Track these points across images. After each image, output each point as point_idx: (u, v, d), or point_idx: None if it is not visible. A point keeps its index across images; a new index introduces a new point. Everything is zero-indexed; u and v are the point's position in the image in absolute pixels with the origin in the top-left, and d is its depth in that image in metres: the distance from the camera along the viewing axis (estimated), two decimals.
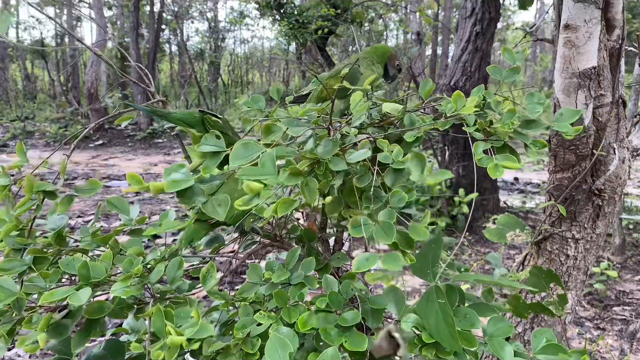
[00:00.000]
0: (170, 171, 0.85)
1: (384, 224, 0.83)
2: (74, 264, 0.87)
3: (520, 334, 1.44)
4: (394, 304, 0.90)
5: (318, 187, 0.83)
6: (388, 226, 0.82)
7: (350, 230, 0.84)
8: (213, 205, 0.83)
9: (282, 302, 0.89)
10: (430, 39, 14.24)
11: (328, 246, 1.19)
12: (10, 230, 0.93)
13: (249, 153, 0.81)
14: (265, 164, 0.79)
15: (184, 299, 0.87)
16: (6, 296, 0.82)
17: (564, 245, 1.37)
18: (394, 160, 0.90)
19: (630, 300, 3.74)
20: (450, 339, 0.78)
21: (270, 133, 0.92)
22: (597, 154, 1.28)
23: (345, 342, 0.82)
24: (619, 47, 1.28)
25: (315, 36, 6.04)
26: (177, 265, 0.88)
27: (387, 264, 0.80)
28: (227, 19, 20.51)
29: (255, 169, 0.79)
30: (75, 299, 0.78)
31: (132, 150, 11.12)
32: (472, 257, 4.60)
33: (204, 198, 0.84)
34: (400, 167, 0.90)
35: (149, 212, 5.99)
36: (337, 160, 0.88)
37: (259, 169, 0.79)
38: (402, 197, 0.86)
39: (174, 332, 0.69)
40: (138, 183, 0.86)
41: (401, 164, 0.90)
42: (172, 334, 0.68)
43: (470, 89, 4.78)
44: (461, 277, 0.91)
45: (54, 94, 17.65)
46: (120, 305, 0.89)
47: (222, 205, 0.82)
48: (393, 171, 0.92)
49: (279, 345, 0.74)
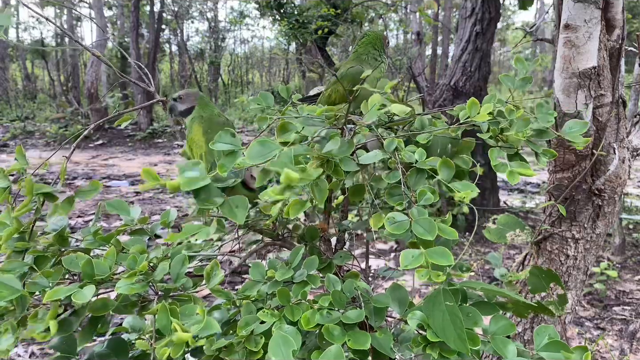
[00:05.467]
0: (185, 169, 0.81)
1: (422, 220, 0.82)
2: (77, 261, 0.87)
3: (520, 334, 1.44)
4: (397, 302, 0.91)
5: (329, 187, 0.83)
6: (427, 222, 0.81)
7: (387, 226, 0.83)
8: (230, 207, 0.80)
9: (285, 300, 0.89)
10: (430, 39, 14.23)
11: (330, 245, 1.19)
12: (12, 234, 0.93)
13: (265, 151, 0.80)
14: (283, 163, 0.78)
15: (188, 296, 0.87)
16: (9, 293, 0.82)
17: (564, 245, 1.37)
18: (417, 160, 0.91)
19: (630, 300, 3.74)
20: (457, 340, 0.78)
21: (284, 131, 0.91)
22: (597, 154, 1.29)
23: (348, 340, 0.82)
24: (619, 47, 1.28)
25: (315, 36, 6.04)
26: (181, 263, 0.88)
27: (436, 259, 0.79)
28: (227, 19, 20.52)
29: (281, 162, 0.77)
30: (80, 296, 0.78)
31: (132, 150, 11.12)
32: (472, 257, 4.61)
33: (220, 199, 0.81)
34: (424, 167, 0.90)
35: (149, 212, 6.00)
36: (349, 160, 0.88)
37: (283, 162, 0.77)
38: (429, 197, 0.86)
39: (180, 328, 0.69)
40: (153, 179, 0.82)
41: (425, 164, 0.90)
42: (179, 331, 0.69)
43: (471, 89, 4.76)
44: (468, 284, 0.92)
45: (54, 94, 17.64)
46: (124, 303, 0.89)
47: (240, 207, 0.80)
48: (417, 171, 0.92)
49: (282, 342, 0.74)
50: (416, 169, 0.92)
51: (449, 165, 0.91)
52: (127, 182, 7.73)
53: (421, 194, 0.88)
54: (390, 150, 0.92)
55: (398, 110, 1.01)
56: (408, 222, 0.83)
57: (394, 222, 0.83)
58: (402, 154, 0.92)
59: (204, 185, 0.79)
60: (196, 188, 0.79)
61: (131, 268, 0.86)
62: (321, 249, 1.16)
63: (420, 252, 0.80)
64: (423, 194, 0.88)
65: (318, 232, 1.15)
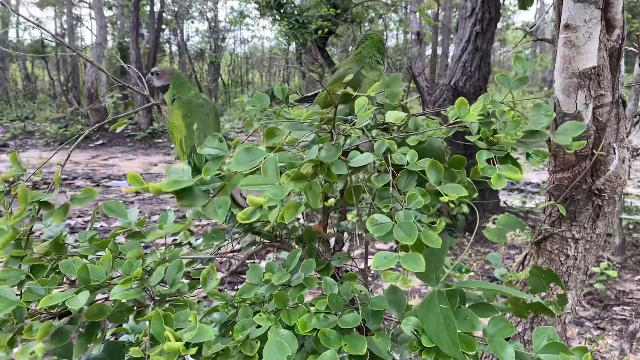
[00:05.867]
0: (171, 170, 0.83)
1: (405, 224, 0.81)
2: (74, 266, 0.87)
3: (520, 334, 1.44)
4: (394, 305, 0.90)
5: (321, 190, 0.82)
6: (409, 226, 0.81)
7: (370, 228, 0.82)
8: (214, 208, 0.81)
9: (281, 304, 0.89)
10: (430, 39, 14.23)
11: (328, 246, 1.19)
12: (9, 241, 0.92)
13: (251, 158, 0.80)
14: (268, 170, 0.78)
15: (184, 301, 0.86)
16: (5, 305, 0.81)
17: (564, 245, 1.37)
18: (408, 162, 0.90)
19: (630, 300, 3.74)
20: (450, 345, 0.77)
21: (272, 136, 0.91)
22: (597, 154, 1.28)
23: (344, 345, 0.81)
24: (619, 47, 1.28)
25: (315, 36, 6.03)
26: (177, 268, 0.87)
27: (408, 265, 0.78)
28: (227, 19, 20.52)
29: (258, 178, 0.77)
30: (74, 302, 0.77)
31: (132, 150, 11.12)
32: (472, 257, 4.60)
33: (204, 200, 0.82)
34: (415, 169, 0.89)
35: (149, 212, 5.99)
36: (339, 164, 0.87)
37: (262, 177, 0.77)
38: (419, 200, 0.85)
39: (172, 337, 0.69)
40: (138, 183, 0.84)
41: (416, 166, 0.89)
42: (171, 339, 0.68)
43: (471, 89, 4.75)
44: (465, 284, 0.91)
45: (54, 94, 17.64)
46: (120, 309, 0.89)
47: (222, 207, 0.81)
48: (407, 173, 0.91)
49: (277, 348, 0.73)
50: (407, 171, 0.91)
51: (437, 167, 0.90)
52: (127, 182, 7.73)
53: (411, 198, 0.87)
54: (380, 152, 0.91)
55: (394, 118, 1.00)
56: (390, 225, 0.82)
57: (377, 223, 0.83)
58: (393, 156, 0.91)
59: (187, 187, 0.80)
60: (178, 189, 0.80)
61: (127, 274, 0.85)
62: (319, 251, 1.15)
63: (395, 255, 0.80)
64: (413, 198, 0.86)
65: (316, 233, 1.15)
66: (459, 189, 0.87)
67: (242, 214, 0.76)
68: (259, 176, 0.78)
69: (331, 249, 1.20)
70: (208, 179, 0.83)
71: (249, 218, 0.77)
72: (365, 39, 1.38)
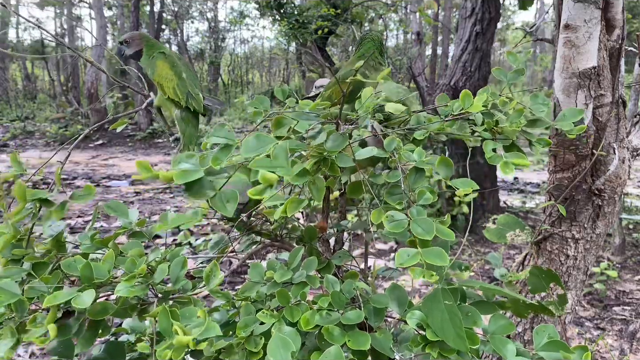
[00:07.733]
0: (179, 160, 0.80)
1: (421, 220, 0.81)
2: (75, 265, 0.87)
3: (520, 334, 1.44)
4: (396, 302, 0.91)
5: (326, 185, 0.83)
6: (426, 222, 0.81)
7: (386, 225, 0.82)
8: (221, 201, 0.80)
9: (284, 301, 0.89)
10: (430, 39, 14.23)
11: (329, 246, 1.19)
12: (10, 241, 0.92)
13: (261, 145, 0.80)
14: (278, 156, 0.78)
15: (188, 298, 0.86)
16: (8, 298, 0.81)
17: (564, 245, 1.37)
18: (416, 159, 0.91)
19: (630, 300, 3.74)
20: (457, 339, 0.78)
21: (280, 126, 0.91)
22: (597, 154, 1.28)
23: (348, 341, 0.82)
24: (619, 47, 1.28)
25: (315, 36, 6.04)
26: (180, 265, 0.88)
27: (432, 260, 0.78)
28: (227, 19, 20.53)
29: (269, 160, 0.77)
30: (79, 301, 0.77)
31: (132, 150, 11.12)
32: (472, 257, 4.61)
33: (212, 192, 0.80)
34: (423, 166, 0.90)
35: (149, 212, 5.99)
36: (344, 157, 0.88)
37: (273, 160, 0.77)
38: (428, 197, 0.86)
39: (182, 331, 0.69)
40: (147, 171, 0.81)
41: (425, 163, 0.90)
42: (180, 334, 0.68)
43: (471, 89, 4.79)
44: (467, 283, 0.92)
45: (54, 94, 17.63)
46: (124, 306, 0.89)
47: (230, 201, 0.79)
48: (415, 170, 0.92)
49: (281, 344, 0.74)
50: (415, 168, 0.92)
51: (447, 163, 0.91)
52: (127, 182, 7.73)
53: (420, 194, 0.87)
54: (390, 149, 0.92)
55: (393, 108, 1.01)
56: (407, 221, 0.82)
57: (393, 220, 0.83)
58: (400, 152, 0.92)
59: (197, 179, 0.79)
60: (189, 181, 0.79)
61: (130, 271, 0.85)
62: (320, 250, 1.16)
63: (417, 251, 0.80)
64: (422, 194, 0.87)
65: (317, 232, 1.15)
66: (470, 183, 0.88)
67: (252, 190, 0.76)
68: (269, 159, 0.78)
69: (331, 249, 1.21)
70: (217, 169, 0.81)
71: (260, 194, 0.76)
72: (365, 39, 1.38)
